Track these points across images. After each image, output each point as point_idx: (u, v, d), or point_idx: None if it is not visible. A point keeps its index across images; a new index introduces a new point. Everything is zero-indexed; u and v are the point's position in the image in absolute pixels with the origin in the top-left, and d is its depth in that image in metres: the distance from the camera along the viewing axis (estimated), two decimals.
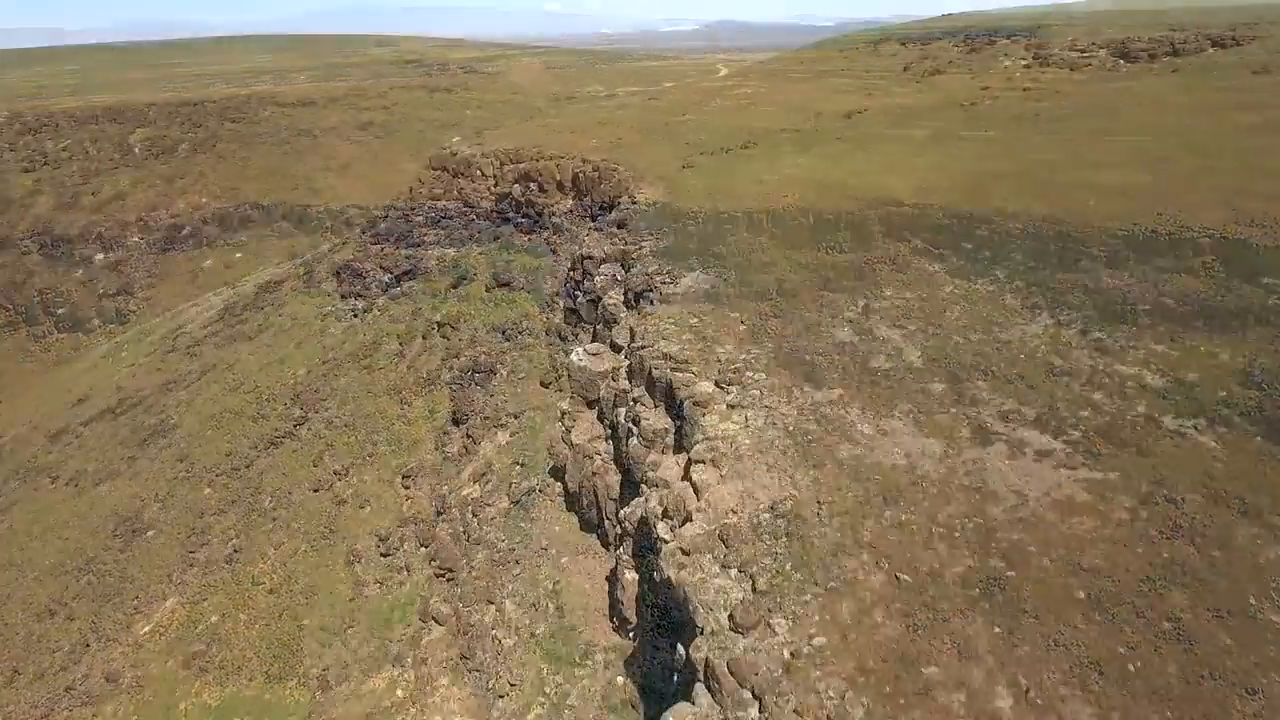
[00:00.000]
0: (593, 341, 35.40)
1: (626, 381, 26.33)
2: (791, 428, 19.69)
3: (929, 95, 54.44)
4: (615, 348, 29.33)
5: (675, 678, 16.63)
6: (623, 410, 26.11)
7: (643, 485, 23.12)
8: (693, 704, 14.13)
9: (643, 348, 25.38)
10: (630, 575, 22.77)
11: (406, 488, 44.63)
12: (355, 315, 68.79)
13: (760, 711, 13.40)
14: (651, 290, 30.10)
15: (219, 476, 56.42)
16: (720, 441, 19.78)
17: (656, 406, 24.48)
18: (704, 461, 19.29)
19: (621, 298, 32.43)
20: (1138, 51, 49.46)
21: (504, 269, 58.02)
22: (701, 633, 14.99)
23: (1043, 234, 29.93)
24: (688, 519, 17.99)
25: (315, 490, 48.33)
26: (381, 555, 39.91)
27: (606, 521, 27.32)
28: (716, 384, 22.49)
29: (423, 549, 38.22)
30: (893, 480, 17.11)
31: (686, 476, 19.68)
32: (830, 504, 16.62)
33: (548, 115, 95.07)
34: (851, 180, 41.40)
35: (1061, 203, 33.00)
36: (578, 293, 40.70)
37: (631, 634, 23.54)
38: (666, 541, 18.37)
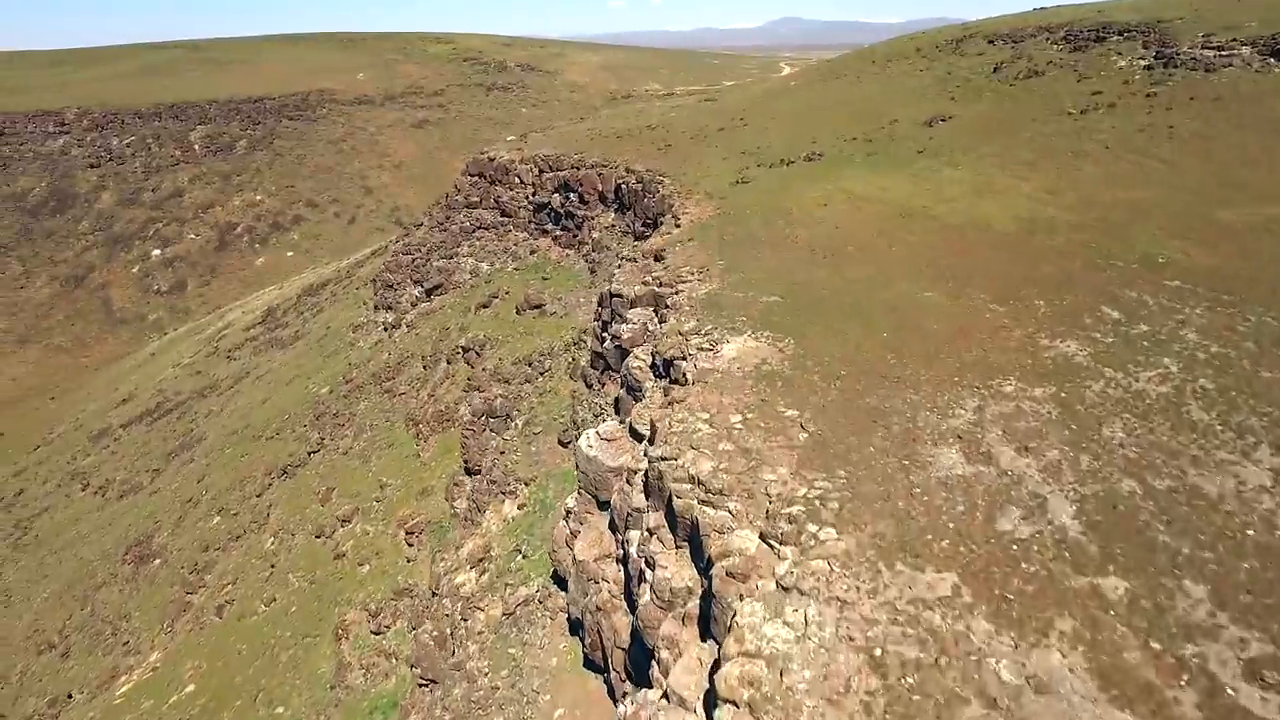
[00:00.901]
0: (615, 408, 27.98)
1: (643, 495, 18.85)
2: (879, 650, 11.89)
3: (1028, 101, 44.94)
4: (635, 435, 21.83)
5: None
6: (636, 536, 18.63)
7: (654, 666, 15.66)
8: None
9: (663, 459, 17.80)
10: None
11: (410, 544, 38.12)
12: (385, 329, 62.85)
13: None
14: (685, 358, 22.43)
15: (230, 503, 51.24)
16: (764, 662, 12.16)
17: (679, 548, 16.93)
18: (736, 703, 11.75)
19: (649, 360, 24.82)
20: None
21: (537, 290, 50.95)
22: None
23: (1219, 298, 21.12)
24: None
25: (318, 536, 42.25)
26: (372, 633, 33.41)
27: (613, 673, 19.96)
28: (763, 538, 14.79)
29: (413, 632, 31.53)
30: None
31: (709, 713, 12.19)
32: None
33: (600, 115, 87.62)
34: (938, 206, 32.79)
35: (1234, 249, 23.98)
36: (605, 335, 33.29)
37: None
38: None
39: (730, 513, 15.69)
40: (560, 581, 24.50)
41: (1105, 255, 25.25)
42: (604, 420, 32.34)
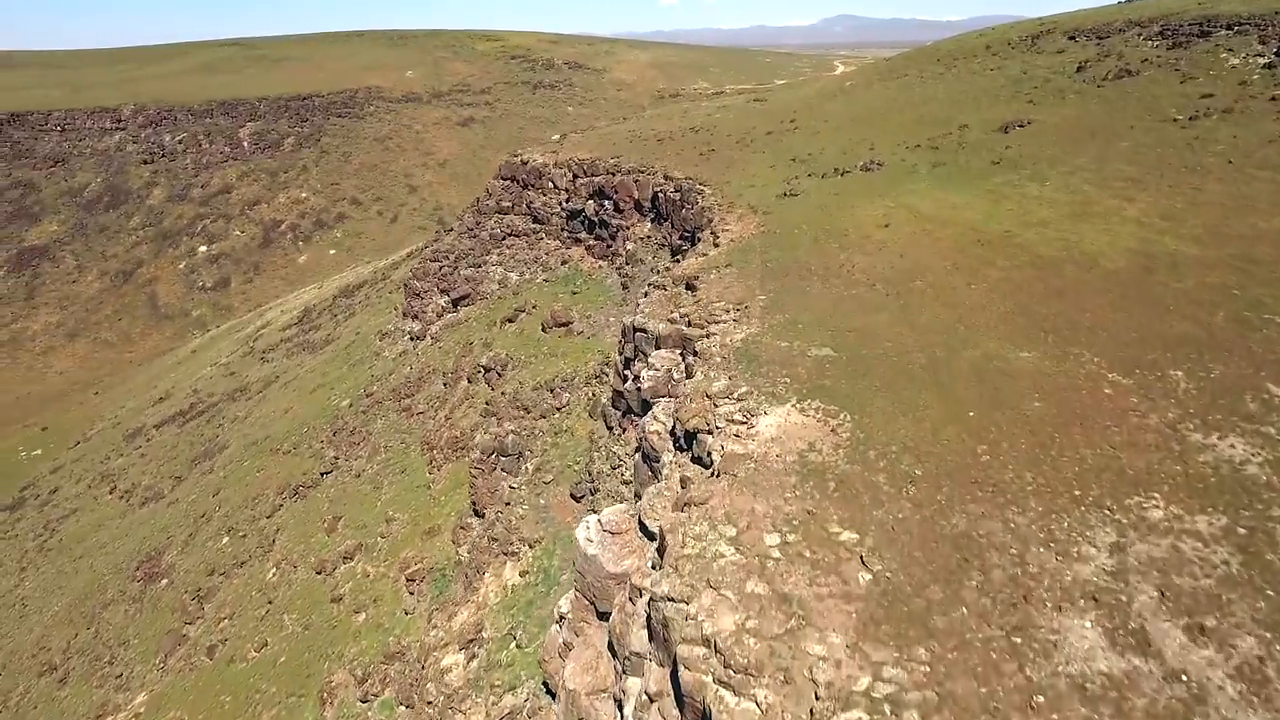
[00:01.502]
0: (632, 462, 23.14)
1: (645, 634, 14.04)
2: None
3: (1122, 105, 38.44)
4: (646, 532, 16.97)
5: None
6: (634, 690, 13.75)
7: None
8: None
9: (670, 599, 12.93)
10: None
11: (411, 593, 33.98)
12: (411, 338, 59.30)
13: None
14: (712, 433, 17.43)
15: (240, 522, 48.17)
16: None
17: None
18: None
19: (669, 426, 19.88)
20: None
21: (565, 307, 46.43)
22: None
23: None
24: None
25: (319, 572, 38.52)
26: (358, 700, 29.29)
27: None
28: None
29: (401, 708, 27.29)
30: None
31: None
32: None
33: (643, 116, 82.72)
34: (1025, 232, 26.86)
35: None
36: (628, 372, 28.48)
37: None
38: None
39: (759, 707, 10.68)
40: (552, 692, 19.93)
41: (1255, 306, 19.32)
42: (621, 474, 27.57)
